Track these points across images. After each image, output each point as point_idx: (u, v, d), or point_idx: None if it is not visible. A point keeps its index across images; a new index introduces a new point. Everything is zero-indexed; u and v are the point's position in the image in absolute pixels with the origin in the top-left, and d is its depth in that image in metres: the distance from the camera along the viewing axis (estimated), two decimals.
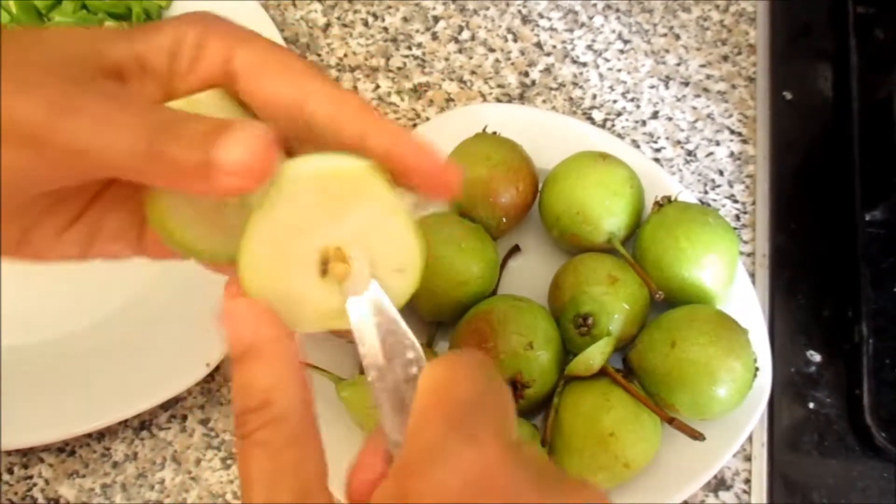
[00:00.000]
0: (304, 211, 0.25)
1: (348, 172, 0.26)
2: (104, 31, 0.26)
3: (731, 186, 0.54)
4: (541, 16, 0.59)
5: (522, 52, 0.58)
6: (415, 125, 0.55)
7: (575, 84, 0.57)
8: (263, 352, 0.25)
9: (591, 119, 0.55)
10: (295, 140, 0.27)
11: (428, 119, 0.55)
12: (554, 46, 0.58)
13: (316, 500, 0.23)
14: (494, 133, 0.48)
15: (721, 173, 0.54)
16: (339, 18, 0.58)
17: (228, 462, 0.46)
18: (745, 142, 0.55)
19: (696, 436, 0.41)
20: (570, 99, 0.56)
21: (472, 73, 0.57)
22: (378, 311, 0.27)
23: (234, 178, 0.23)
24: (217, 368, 0.47)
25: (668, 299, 0.44)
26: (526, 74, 0.57)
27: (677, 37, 0.58)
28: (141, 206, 0.28)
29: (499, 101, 0.56)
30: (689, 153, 0.55)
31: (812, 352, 0.49)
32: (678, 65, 0.57)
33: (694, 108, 0.56)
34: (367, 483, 0.25)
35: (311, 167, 0.25)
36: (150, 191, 0.27)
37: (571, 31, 0.58)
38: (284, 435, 0.24)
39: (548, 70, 0.57)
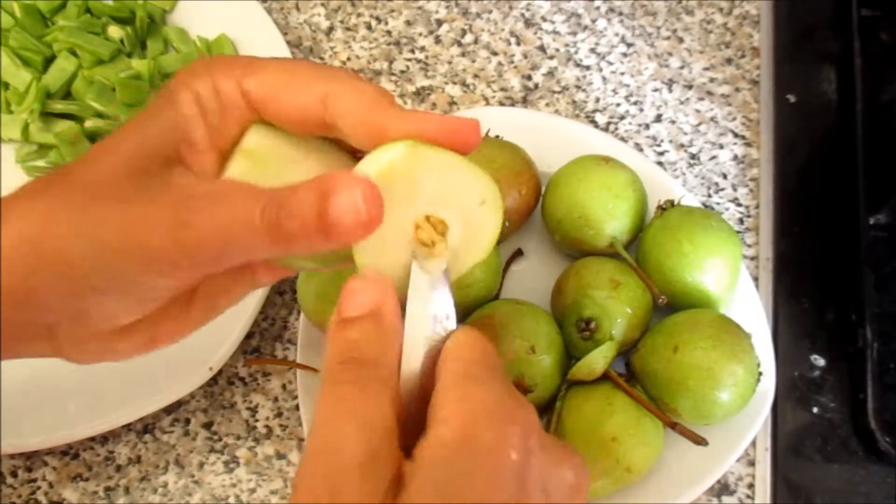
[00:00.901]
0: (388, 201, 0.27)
1: (399, 159, 0.27)
2: (148, 131, 0.28)
3: (734, 190, 0.54)
4: (544, 19, 0.59)
5: (525, 56, 0.58)
6: None
7: (578, 87, 0.56)
8: (382, 319, 0.26)
9: (594, 122, 0.55)
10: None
11: None
12: (557, 50, 0.58)
13: (388, 450, 0.24)
14: (497, 136, 0.48)
15: (724, 176, 0.54)
16: (342, 22, 0.58)
17: (231, 465, 0.46)
18: (748, 145, 0.55)
19: (699, 441, 0.41)
20: (573, 102, 0.56)
21: (475, 76, 0.57)
22: (437, 283, 0.29)
23: (353, 231, 0.25)
24: (220, 372, 0.47)
25: (670, 303, 0.44)
26: (529, 78, 0.57)
27: (680, 40, 0.58)
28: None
29: (502, 104, 0.56)
30: (693, 156, 0.54)
31: (816, 356, 0.49)
32: (681, 68, 0.57)
33: (697, 111, 0.56)
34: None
35: (371, 169, 0.27)
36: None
37: (574, 34, 0.58)
38: (390, 385, 0.25)
39: (551, 73, 0.57)
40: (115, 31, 0.54)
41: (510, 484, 0.24)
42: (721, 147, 0.55)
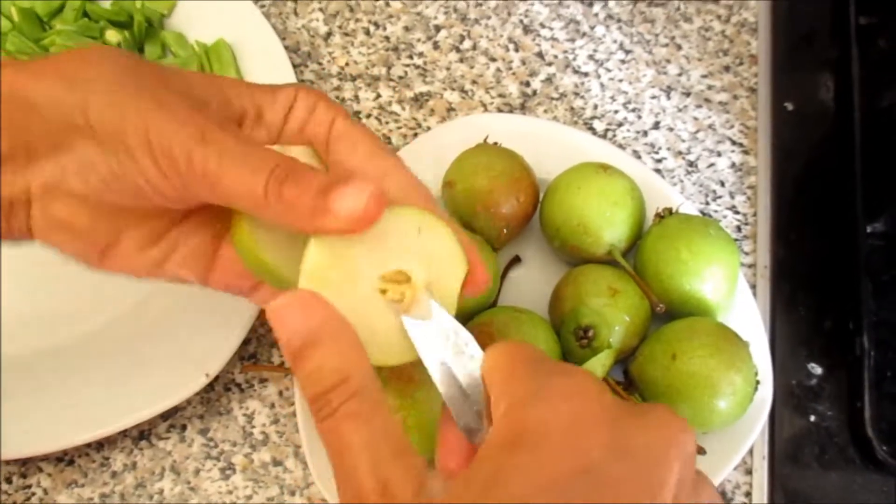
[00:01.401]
0: (365, 242, 0.29)
1: (402, 211, 0.30)
2: (232, 81, 0.32)
3: (732, 197, 0.54)
4: (542, 26, 0.59)
5: (524, 62, 0.58)
6: (416, 135, 0.55)
7: (576, 94, 0.57)
8: (322, 336, 0.26)
9: (592, 129, 0.55)
10: None
11: (429, 128, 0.55)
12: (555, 56, 0.58)
13: (410, 457, 0.25)
14: (495, 143, 0.48)
15: (722, 184, 0.54)
16: (340, 27, 0.58)
17: (227, 472, 0.46)
18: (746, 152, 0.55)
19: (696, 450, 0.40)
20: (572, 109, 0.56)
21: (474, 82, 0.57)
22: (442, 326, 0.29)
23: (344, 223, 0.27)
24: (216, 378, 0.47)
25: (668, 311, 0.44)
26: (527, 84, 0.57)
27: (679, 47, 0.58)
28: (213, 239, 0.33)
29: (500, 110, 0.56)
30: (691, 164, 0.54)
31: (813, 364, 0.49)
32: (679, 75, 0.57)
33: (695, 118, 0.56)
34: (460, 455, 0.28)
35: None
36: (238, 214, 0.31)
37: (573, 40, 0.58)
38: (370, 403, 0.25)
39: (549, 80, 0.57)
40: (112, 35, 0.53)
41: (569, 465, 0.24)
42: (719, 154, 0.55)
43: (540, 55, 0.58)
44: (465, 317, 0.44)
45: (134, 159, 0.28)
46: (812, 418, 0.48)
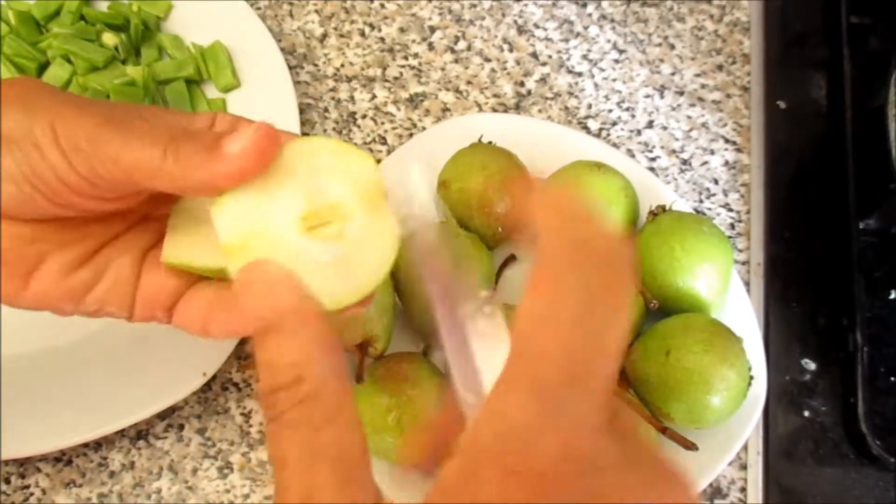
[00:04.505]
0: (269, 188, 0.28)
1: (297, 143, 0.28)
2: (151, 107, 0.32)
3: (725, 195, 0.54)
4: (536, 26, 0.59)
5: (518, 63, 0.58)
6: (411, 135, 0.55)
7: (570, 94, 0.57)
8: (286, 323, 0.23)
9: (586, 128, 0.56)
10: None
11: (424, 129, 0.55)
12: (549, 56, 0.58)
13: (358, 480, 0.22)
14: (490, 143, 0.49)
15: (716, 182, 0.54)
16: (335, 29, 0.59)
17: (225, 472, 0.46)
18: (739, 151, 0.55)
19: (689, 446, 0.41)
20: (566, 108, 0.56)
21: (469, 83, 0.57)
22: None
23: (236, 162, 0.27)
24: (214, 378, 0.47)
25: (662, 308, 0.44)
26: (522, 84, 0.57)
27: (672, 46, 0.59)
28: (134, 266, 0.32)
29: (495, 110, 0.56)
30: (684, 162, 0.55)
31: (807, 360, 0.49)
32: (673, 74, 0.58)
33: (689, 117, 0.56)
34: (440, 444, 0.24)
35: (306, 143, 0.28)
36: (168, 233, 0.31)
37: (567, 41, 0.59)
38: (319, 413, 0.22)
39: (543, 80, 0.57)
40: (109, 38, 0.54)
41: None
42: (712, 153, 0.55)
43: (534, 55, 0.58)
44: None
45: (42, 154, 0.28)
46: (806, 414, 0.48)
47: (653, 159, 0.55)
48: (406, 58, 0.58)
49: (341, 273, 0.27)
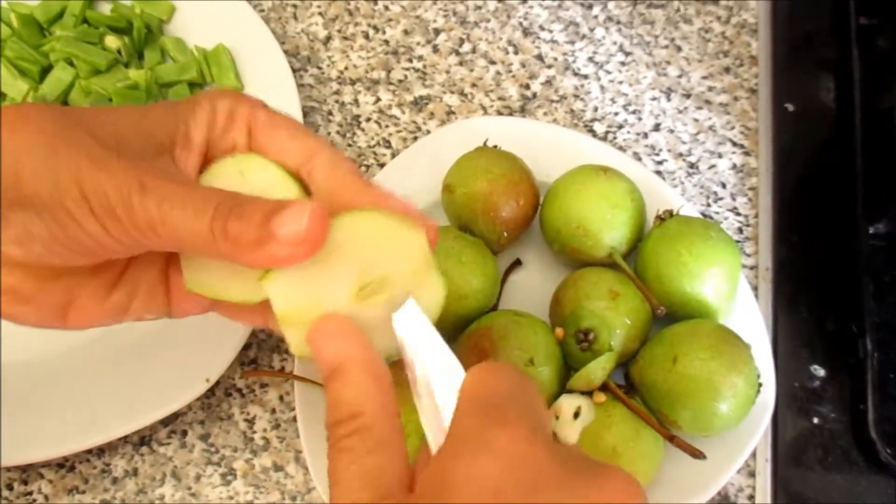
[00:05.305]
0: (336, 251, 0.29)
1: (348, 217, 0.29)
2: (159, 107, 0.31)
3: (733, 199, 0.53)
4: (542, 28, 0.59)
5: (523, 65, 0.57)
6: (415, 138, 0.55)
7: (576, 96, 0.56)
8: (351, 369, 0.27)
9: (592, 132, 0.55)
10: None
11: (429, 132, 0.55)
12: (555, 59, 0.58)
13: (394, 501, 0.25)
14: (495, 146, 0.48)
15: (723, 186, 0.54)
16: (339, 31, 0.58)
17: (228, 478, 0.46)
18: (747, 154, 0.55)
19: (697, 454, 0.40)
20: (572, 111, 0.56)
21: (473, 85, 0.57)
22: (416, 324, 0.30)
23: (290, 248, 0.27)
24: (217, 384, 0.47)
25: (669, 314, 0.44)
26: (527, 87, 0.57)
27: (679, 48, 0.58)
28: (161, 274, 0.33)
29: (500, 113, 0.56)
30: (691, 166, 0.54)
31: (816, 366, 0.49)
32: (680, 77, 0.57)
33: (696, 120, 0.56)
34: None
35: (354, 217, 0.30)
36: (183, 259, 0.31)
37: (572, 43, 0.58)
38: (368, 442, 0.26)
39: (549, 82, 0.57)
40: (112, 41, 0.53)
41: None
42: (720, 156, 0.55)
43: (539, 58, 0.58)
44: (466, 320, 0.44)
45: (75, 221, 0.27)
46: (815, 421, 0.47)
47: (659, 163, 0.54)
48: (410, 60, 0.58)
49: (390, 331, 0.30)
